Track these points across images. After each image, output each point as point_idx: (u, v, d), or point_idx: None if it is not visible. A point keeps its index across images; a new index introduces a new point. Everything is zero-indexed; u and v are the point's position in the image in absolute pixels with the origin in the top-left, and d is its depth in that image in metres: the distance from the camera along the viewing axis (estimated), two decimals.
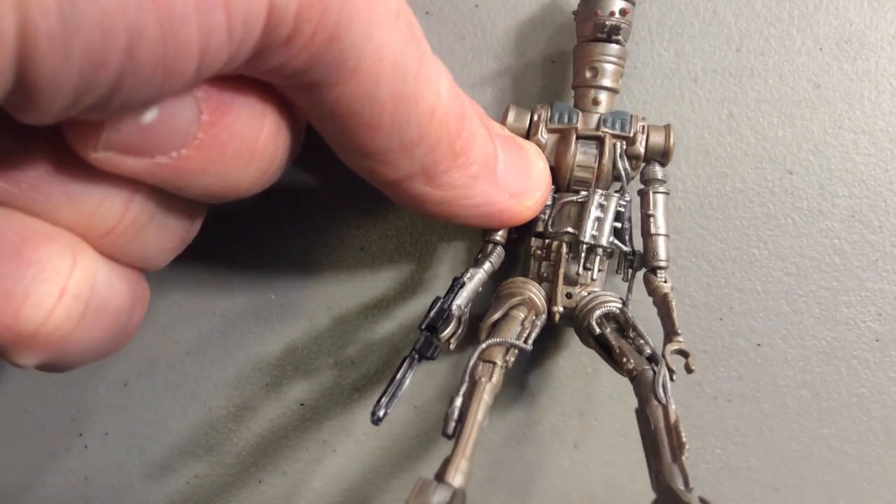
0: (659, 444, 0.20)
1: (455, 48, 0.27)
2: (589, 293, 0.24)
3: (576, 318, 0.24)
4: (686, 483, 0.19)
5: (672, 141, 0.24)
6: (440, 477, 0.19)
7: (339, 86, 0.17)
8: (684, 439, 0.20)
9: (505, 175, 0.22)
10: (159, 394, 0.29)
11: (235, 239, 0.27)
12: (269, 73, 0.17)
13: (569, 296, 0.24)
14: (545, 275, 0.25)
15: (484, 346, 0.22)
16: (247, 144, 0.18)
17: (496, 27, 0.27)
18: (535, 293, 0.24)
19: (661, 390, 0.21)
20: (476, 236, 0.27)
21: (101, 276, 0.19)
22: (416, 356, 0.21)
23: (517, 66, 0.27)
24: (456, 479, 0.19)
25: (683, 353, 0.22)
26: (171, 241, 0.21)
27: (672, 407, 0.21)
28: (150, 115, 0.16)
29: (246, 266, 0.28)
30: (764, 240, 0.27)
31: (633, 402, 0.27)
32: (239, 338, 0.29)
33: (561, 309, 0.24)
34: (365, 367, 0.28)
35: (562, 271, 0.24)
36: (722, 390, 0.28)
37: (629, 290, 0.25)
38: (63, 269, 0.18)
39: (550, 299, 0.24)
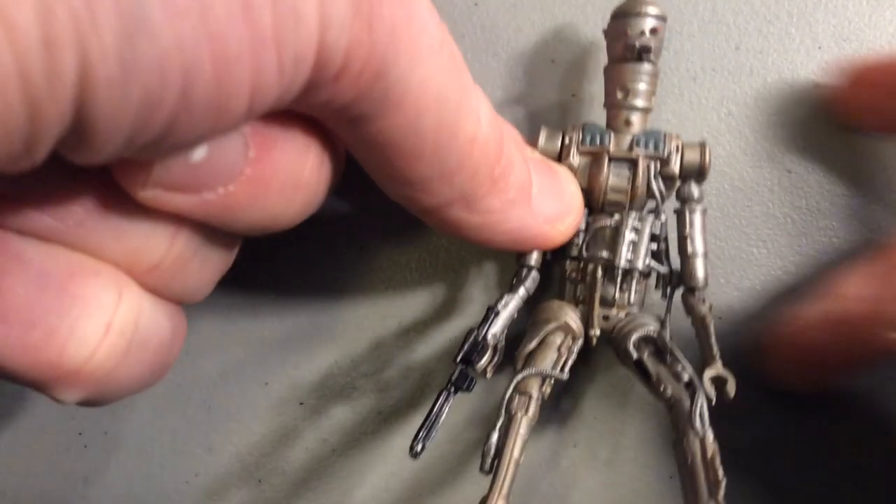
0: (695, 478, 0.20)
1: None
2: (626, 315, 0.24)
3: (613, 340, 0.24)
4: None
5: (708, 159, 0.24)
6: None
7: (384, 119, 0.17)
8: (721, 475, 0.19)
9: (539, 199, 0.22)
10: (159, 393, 0.29)
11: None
12: (315, 109, 0.17)
13: (606, 318, 0.24)
14: (581, 298, 0.24)
15: (520, 377, 0.22)
16: (292, 179, 0.18)
17: (496, 26, 0.27)
18: (572, 317, 0.24)
19: (697, 421, 0.20)
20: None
21: (146, 312, 0.19)
22: (453, 389, 0.21)
23: (516, 66, 0.27)
24: None
25: (721, 380, 0.22)
26: (211, 275, 0.21)
27: (710, 439, 0.20)
28: (199, 154, 0.16)
29: (246, 268, 0.28)
30: (763, 238, 0.27)
31: (633, 400, 0.27)
32: (238, 337, 0.29)
33: (598, 332, 0.24)
34: (365, 366, 0.28)
35: (598, 294, 0.24)
36: None
37: (667, 310, 0.24)
38: (108, 304, 0.18)
39: (587, 322, 0.24)
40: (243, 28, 0.13)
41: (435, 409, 0.21)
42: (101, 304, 0.18)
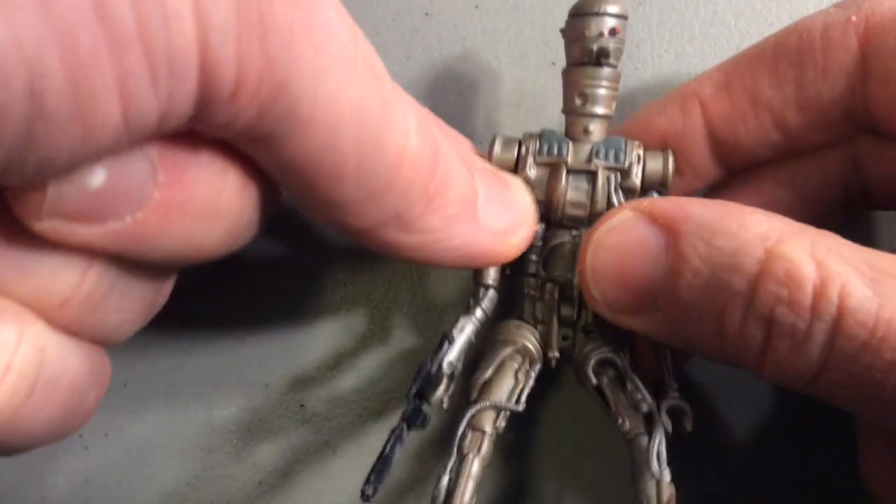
0: None
1: (455, 50, 0.27)
2: (588, 335, 0.23)
3: (573, 362, 0.23)
4: None
5: (671, 168, 0.22)
6: None
7: (295, 137, 0.16)
8: None
9: (486, 212, 0.21)
10: (159, 395, 0.29)
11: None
12: (219, 130, 0.16)
13: (565, 338, 0.23)
14: (540, 317, 0.24)
15: (473, 411, 0.21)
16: (209, 204, 0.17)
17: (496, 28, 0.27)
18: (530, 339, 0.23)
19: (654, 462, 0.19)
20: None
21: (52, 351, 0.17)
22: (406, 427, 0.20)
23: (518, 68, 0.27)
24: None
25: (679, 411, 0.21)
26: (132, 312, 0.19)
27: (666, 481, 0.19)
28: (97, 179, 0.15)
29: (245, 268, 0.28)
30: None
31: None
32: (239, 339, 0.29)
33: (557, 354, 0.23)
34: (367, 371, 0.28)
35: (556, 315, 0.23)
36: (723, 387, 0.28)
37: (627, 334, 0.23)
38: (7, 344, 0.16)
39: (546, 343, 0.23)
40: (96, 24, 0.12)
41: (387, 450, 0.20)
42: None
